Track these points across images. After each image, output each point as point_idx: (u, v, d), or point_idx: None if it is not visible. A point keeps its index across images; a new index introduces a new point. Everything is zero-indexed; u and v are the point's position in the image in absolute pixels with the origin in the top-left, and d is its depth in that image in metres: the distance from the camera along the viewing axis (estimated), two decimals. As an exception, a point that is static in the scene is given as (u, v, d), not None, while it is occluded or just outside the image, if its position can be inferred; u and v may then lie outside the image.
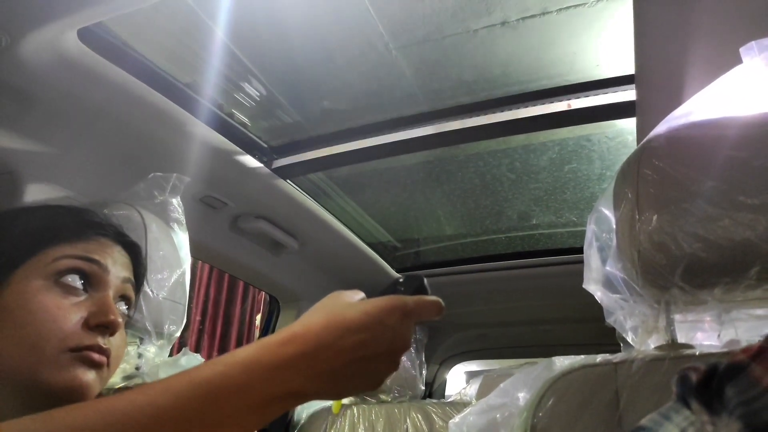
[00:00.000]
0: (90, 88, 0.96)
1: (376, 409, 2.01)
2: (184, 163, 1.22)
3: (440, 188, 1.80)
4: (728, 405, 0.42)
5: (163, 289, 0.92)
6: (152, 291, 0.90)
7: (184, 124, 1.13)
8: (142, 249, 0.91)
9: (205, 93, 1.25)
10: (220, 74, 1.24)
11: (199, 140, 1.21)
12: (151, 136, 1.11)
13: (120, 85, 0.99)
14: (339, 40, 1.17)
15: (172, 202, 1.00)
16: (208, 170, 1.34)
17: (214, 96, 1.29)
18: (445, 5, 1.07)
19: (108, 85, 0.97)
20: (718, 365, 0.44)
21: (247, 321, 3.10)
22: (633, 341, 0.74)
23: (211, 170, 1.35)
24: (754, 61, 0.69)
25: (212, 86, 1.27)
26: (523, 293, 2.30)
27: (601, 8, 1.07)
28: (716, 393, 0.43)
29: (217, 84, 1.27)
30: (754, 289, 0.65)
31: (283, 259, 1.86)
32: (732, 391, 0.42)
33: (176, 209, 1.00)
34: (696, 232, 0.65)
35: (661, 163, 0.69)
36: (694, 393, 0.45)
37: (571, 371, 0.68)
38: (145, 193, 1.02)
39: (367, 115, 1.42)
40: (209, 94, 1.27)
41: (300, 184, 1.61)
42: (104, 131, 1.05)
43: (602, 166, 1.59)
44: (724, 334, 0.71)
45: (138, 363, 0.94)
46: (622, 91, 1.17)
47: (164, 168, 1.12)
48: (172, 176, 1.01)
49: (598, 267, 0.76)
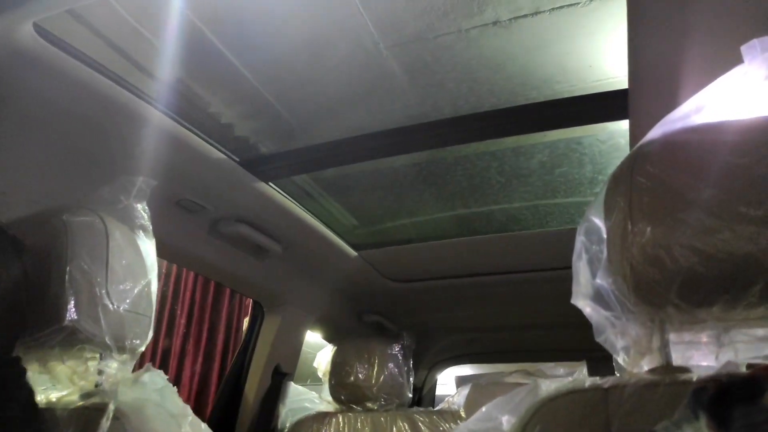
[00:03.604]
0: (49, 84, 0.91)
1: (362, 418, 1.96)
2: (156, 165, 1.17)
3: (428, 191, 1.75)
4: (734, 425, 0.43)
5: (124, 301, 0.86)
6: (112, 303, 0.84)
7: (155, 124, 1.08)
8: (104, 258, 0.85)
9: (180, 91, 1.19)
10: (198, 70, 1.19)
11: (172, 141, 1.16)
12: (118, 136, 1.06)
13: (82, 80, 0.93)
14: (327, 37, 1.14)
15: (137, 207, 0.94)
16: (184, 172, 1.29)
17: (190, 94, 1.23)
18: (435, 4, 1.04)
19: (68, 80, 0.92)
20: (734, 381, 0.45)
21: (234, 325, 3.03)
22: (625, 362, 0.68)
23: (187, 173, 1.29)
24: (757, 60, 0.64)
25: (188, 84, 1.22)
26: (513, 298, 2.26)
27: (594, 8, 1.05)
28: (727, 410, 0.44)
29: (195, 81, 1.22)
30: (756, 308, 0.60)
31: (266, 263, 1.80)
32: (739, 411, 0.43)
33: (142, 215, 0.94)
34: (693, 246, 0.60)
35: (656, 170, 0.64)
36: (703, 407, 0.45)
37: (557, 396, 0.63)
38: (110, 197, 0.96)
39: (354, 116, 1.38)
40: (185, 92, 1.21)
41: (282, 186, 1.56)
42: (66, 130, 0.99)
43: (594, 170, 1.54)
44: (722, 355, 0.65)
45: (98, 380, 0.88)
46: (614, 92, 1.12)
47: (134, 170, 1.07)
48: (138, 179, 0.95)
49: (588, 281, 0.71)
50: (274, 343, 2.00)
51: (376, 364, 2.05)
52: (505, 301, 2.32)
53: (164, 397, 0.83)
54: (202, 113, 1.29)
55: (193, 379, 2.80)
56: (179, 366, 2.83)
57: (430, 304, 2.43)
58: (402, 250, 2.02)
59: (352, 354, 2.06)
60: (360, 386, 2.01)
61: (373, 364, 2.04)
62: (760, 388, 0.43)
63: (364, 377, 2.02)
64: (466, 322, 2.65)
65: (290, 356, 2.11)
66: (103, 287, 0.83)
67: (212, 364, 2.82)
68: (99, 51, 1.04)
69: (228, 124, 1.35)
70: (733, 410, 0.43)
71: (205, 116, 1.30)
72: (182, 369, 2.82)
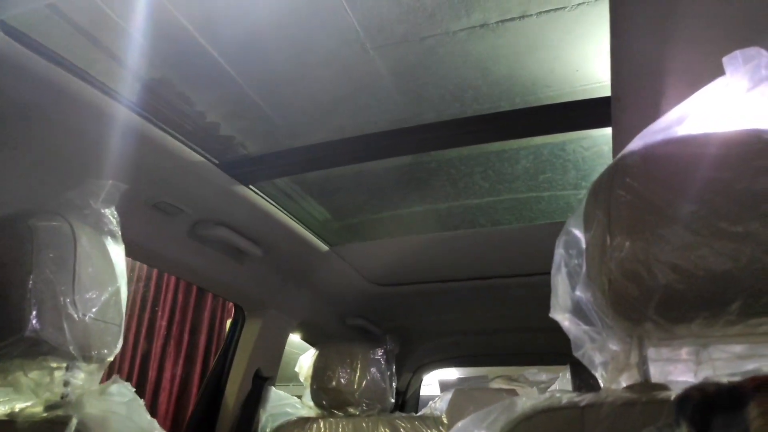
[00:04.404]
0: (14, 82, 0.87)
1: (343, 423, 1.94)
2: (131, 167, 1.13)
3: (412, 194, 1.73)
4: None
5: (91, 310, 0.83)
6: (78, 311, 0.81)
7: (128, 125, 1.04)
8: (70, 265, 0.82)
9: (158, 91, 1.17)
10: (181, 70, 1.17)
11: (147, 142, 1.13)
12: (89, 137, 1.02)
13: (50, 78, 0.89)
14: (314, 37, 1.12)
15: (105, 212, 0.91)
16: (160, 175, 1.26)
17: (171, 94, 1.21)
18: (422, 5, 1.03)
19: (36, 78, 0.88)
20: (720, 390, 0.44)
21: (216, 327, 3.00)
22: (603, 378, 0.67)
23: (164, 175, 1.26)
24: (739, 72, 0.62)
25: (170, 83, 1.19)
26: (497, 302, 2.25)
27: (581, 12, 1.05)
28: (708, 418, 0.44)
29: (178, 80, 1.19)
30: (735, 325, 0.59)
31: (247, 266, 1.77)
32: (719, 421, 0.43)
33: (111, 220, 0.91)
34: (672, 262, 0.58)
35: (636, 183, 0.62)
36: (686, 416, 0.45)
37: (533, 414, 0.61)
38: (79, 202, 0.93)
39: (339, 117, 1.36)
40: (164, 92, 1.18)
41: (263, 189, 1.53)
42: (33, 130, 0.96)
43: (577, 176, 1.53)
44: (701, 371, 0.64)
45: (64, 391, 0.84)
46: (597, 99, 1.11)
47: (107, 172, 1.04)
48: (108, 183, 0.92)
49: (566, 294, 0.69)
50: (255, 346, 1.97)
51: (358, 368, 2.02)
52: (489, 305, 2.31)
53: (131, 409, 0.81)
54: (182, 114, 1.26)
55: (174, 382, 2.76)
56: (160, 368, 2.79)
57: (414, 308, 2.41)
58: (385, 254, 2.00)
59: (334, 358, 2.04)
60: (342, 391, 1.98)
61: (356, 368, 2.02)
62: (743, 399, 0.42)
63: (346, 382, 1.99)
64: (451, 325, 2.64)
65: (272, 360, 2.08)
66: (69, 295, 0.80)
67: (194, 367, 2.78)
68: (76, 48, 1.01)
69: (212, 123, 1.33)
70: (713, 419, 0.43)
71: (185, 117, 1.27)
72: (163, 371, 2.78)
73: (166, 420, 2.69)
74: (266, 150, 1.44)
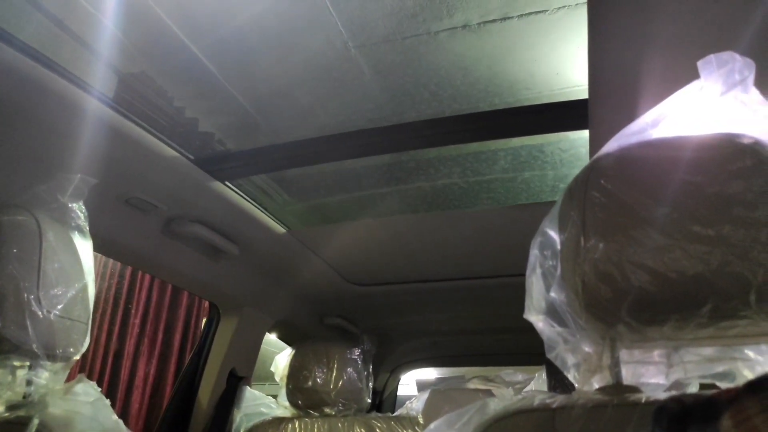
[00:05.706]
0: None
1: (318, 423, 1.92)
2: (101, 162, 1.10)
3: (390, 194, 1.72)
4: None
5: (56, 307, 0.81)
6: (42, 308, 0.78)
7: (98, 117, 1.02)
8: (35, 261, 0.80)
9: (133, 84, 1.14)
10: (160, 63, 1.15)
11: (118, 136, 1.10)
12: (58, 130, 0.99)
13: (20, 71, 0.86)
14: (296, 34, 1.12)
15: (72, 207, 0.88)
16: (133, 170, 1.23)
17: (147, 89, 1.18)
18: (404, 5, 1.04)
19: (4, 70, 0.85)
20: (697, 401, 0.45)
21: (192, 325, 2.96)
22: (575, 379, 0.67)
23: (136, 170, 1.23)
24: (713, 76, 0.63)
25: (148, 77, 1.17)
26: (475, 302, 2.26)
27: (561, 15, 1.06)
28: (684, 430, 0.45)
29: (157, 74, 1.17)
30: (706, 328, 0.59)
31: (223, 264, 1.75)
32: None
33: (78, 215, 0.89)
34: (645, 264, 0.58)
35: (610, 185, 0.62)
36: (662, 426, 0.46)
37: (505, 416, 0.61)
38: (46, 196, 0.90)
39: (320, 115, 1.36)
40: (141, 86, 1.16)
41: (240, 186, 1.51)
42: (2, 124, 0.92)
43: (555, 178, 1.54)
44: (672, 374, 0.64)
45: (27, 391, 0.82)
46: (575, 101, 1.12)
47: (77, 167, 1.01)
48: (76, 177, 0.89)
49: (540, 295, 0.69)
50: (230, 346, 1.94)
51: (335, 368, 2.01)
52: (466, 306, 2.31)
53: (96, 409, 0.78)
54: (157, 109, 1.24)
55: (147, 381, 2.72)
56: (133, 367, 2.75)
57: (392, 308, 2.40)
58: (364, 254, 1.99)
59: (310, 358, 2.02)
60: (318, 391, 1.97)
61: (332, 368, 2.01)
62: (717, 411, 0.43)
63: (323, 382, 1.98)
64: (429, 325, 2.64)
65: (247, 360, 2.05)
66: (33, 292, 0.78)
67: (168, 366, 2.74)
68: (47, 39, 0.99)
69: (191, 119, 1.31)
70: (688, 430, 0.44)
71: (161, 113, 1.25)
72: (136, 370, 2.74)
73: (139, 419, 2.65)
74: (246, 147, 1.42)
